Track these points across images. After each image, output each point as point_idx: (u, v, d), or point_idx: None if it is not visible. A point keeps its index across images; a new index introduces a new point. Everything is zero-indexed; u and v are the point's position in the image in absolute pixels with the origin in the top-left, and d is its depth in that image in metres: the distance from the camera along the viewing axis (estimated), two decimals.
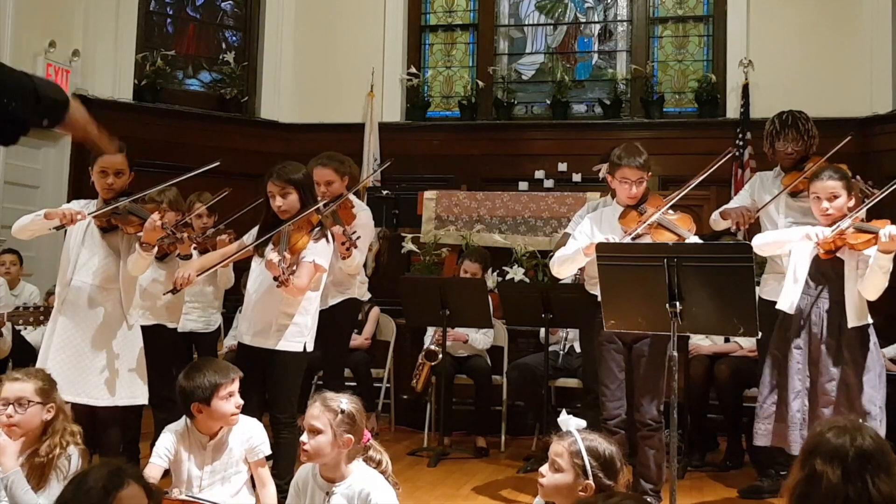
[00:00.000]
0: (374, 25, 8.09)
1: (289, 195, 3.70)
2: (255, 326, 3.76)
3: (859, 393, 3.61)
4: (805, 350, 3.74)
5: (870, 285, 3.58)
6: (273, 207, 3.74)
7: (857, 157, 6.44)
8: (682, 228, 3.94)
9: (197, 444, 3.23)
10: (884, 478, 1.89)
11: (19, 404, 2.97)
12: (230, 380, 3.18)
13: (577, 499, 2.31)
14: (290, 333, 3.72)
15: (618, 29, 8.08)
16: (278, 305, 3.70)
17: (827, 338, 3.69)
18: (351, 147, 7.05)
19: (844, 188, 3.72)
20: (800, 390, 3.71)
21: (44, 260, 6.69)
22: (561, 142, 7.70)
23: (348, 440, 2.78)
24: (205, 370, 3.18)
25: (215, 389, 3.13)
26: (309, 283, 3.69)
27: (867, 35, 7.13)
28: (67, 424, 3.08)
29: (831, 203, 3.71)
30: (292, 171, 3.76)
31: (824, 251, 3.64)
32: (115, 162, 3.78)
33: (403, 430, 6.06)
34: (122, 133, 6.43)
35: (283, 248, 3.60)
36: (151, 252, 3.73)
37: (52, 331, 3.77)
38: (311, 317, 3.81)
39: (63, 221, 3.65)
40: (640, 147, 4.02)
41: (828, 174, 3.77)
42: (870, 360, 3.64)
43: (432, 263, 6.51)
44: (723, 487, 4.62)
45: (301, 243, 3.67)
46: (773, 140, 4.44)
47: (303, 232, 3.69)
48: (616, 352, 3.97)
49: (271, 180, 3.72)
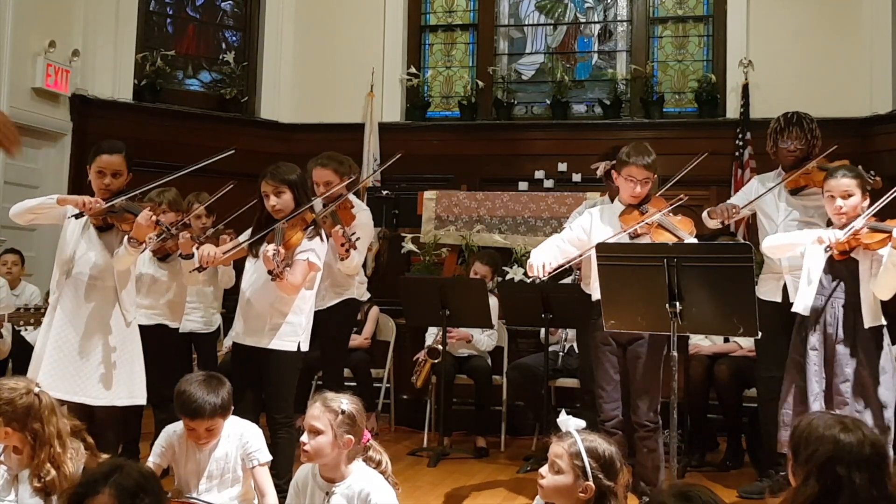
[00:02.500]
0: (374, 25, 8.09)
1: (283, 195, 3.72)
2: (249, 325, 3.76)
3: (875, 394, 3.59)
4: (820, 351, 3.71)
5: (883, 284, 3.56)
6: (267, 207, 3.75)
7: (857, 157, 6.42)
8: (683, 231, 3.93)
9: (193, 448, 3.21)
10: (889, 470, 1.90)
11: None
12: (207, 418, 3.09)
13: (576, 500, 2.31)
14: (284, 332, 3.72)
15: (618, 29, 8.08)
16: (272, 304, 3.70)
17: (842, 338, 3.66)
18: (351, 147, 7.05)
19: (859, 187, 3.69)
20: (818, 392, 3.69)
21: (44, 260, 6.69)
22: (561, 142, 7.70)
23: (348, 441, 2.78)
24: (198, 392, 3.08)
25: (192, 417, 3.11)
26: (303, 281, 3.70)
27: (867, 35, 7.13)
28: (57, 438, 2.96)
29: (846, 201, 3.68)
30: (286, 171, 3.77)
31: (838, 252, 3.62)
32: (112, 162, 3.76)
33: (403, 430, 6.07)
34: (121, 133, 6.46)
35: (277, 242, 3.62)
36: (139, 249, 3.70)
37: (48, 327, 3.74)
38: (305, 316, 3.81)
39: (81, 209, 3.62)
40: (648, 147, 4.00)
41: (842, 172, 3.74)
42: (885, 361, 3.62)
43: (432, 263, 6.51)
44: (723, 487, 4.61)
45: (295, 239, 3.68)
46: (777, 137, 4.43)
47: (297, 229, 3.71)
48: (611, 353, 3.96)
49: (265, 180, 3.74)
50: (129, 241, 3.65)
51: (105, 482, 2.06)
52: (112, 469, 2.11)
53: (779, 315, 4.05)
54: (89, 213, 3.68)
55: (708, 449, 5.23)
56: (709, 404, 5.20)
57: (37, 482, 2.88)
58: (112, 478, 2.07)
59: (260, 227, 3.80)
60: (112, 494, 2.04)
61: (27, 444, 2.92)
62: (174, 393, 3.13)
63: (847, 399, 3.60)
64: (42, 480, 2.88)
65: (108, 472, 2.09)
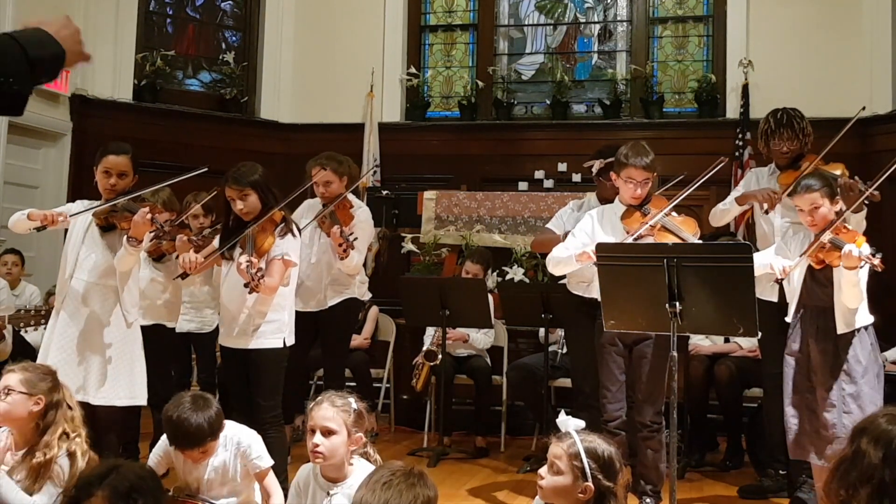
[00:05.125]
0: (373, 26, 8.08)
1: (248, 197, 3.71)
2: (232, 329, 3.77)
3: (858, 394, 3.61)
4: (805, 356, 3.75)
5: (846, 298, 3.59)
6: (235, 211, 3.75)
7: (857, 157, 6.44)
8: (686, 232, 3.91)
9: (190, 457, 3.19)
10: None
11: (6, 392, 2.98)
12: (197, 447, 3.05)
13: (576, 501, 2.31)
14: (267, 331, 3.73)
15: (618, 29, 8.07)
16: (252, 306, 3.71)
17: (823, 343, 3.69)
18: (351, 147, 7.04)
19: (824, 196, 3.65)
20: (809, 399, 3.71)
21: (44, 260, 6.69)
22: (561, 142, 7.69)
23: (358, 439, 2.79)
24: (185, 423, 3.00)
25: (183, 449, 3.08)
26: (280, 279, 3.72)
27: (867, 35, 7.13)
28: (68, 424, 3.04)
29: (816, 213, 3.66)
30: (248, 172, 3.75)
31: (815, 262, 3.64)
32: (118, 163, 3.80)
33: (403, 430, 6.07)
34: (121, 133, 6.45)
35: (249, 251, 3.62)
36: (138, 248, 3.71)
37: (52, 329, 3.77)
38: (287, 312, 3.83)
39: (44, 223, 3.66)
40: (646, 147, 3.96)
41: (804, 186, 3.69)
42: (867, 361, 3.63)
43: (432, 263, 6.51)
44: (723, 487, 4.62)
45: (267, 244, 3.69)
46: (768, 139, 4.42)
47: (267, 233, 3.71)
48: (617, 354, 3.96)
49: (228, 185, 3.73)
50: (129, 240, 3.67)
51: (99, 484, 2.06)
52: (107, 471, 2.12)
53: (777, 314, 4.05)
54: (51, 226, 3.69)
55: (708, 449, 5.24)
56: (709, 404, 5.20)
57: (32, 461, 2.93)
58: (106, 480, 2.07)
59: (229, 231, 3.80)
60: (106, 497, 2.04)
61: (38, 422, 2.99)
62: (163, 418, 3.08)
63: (832, 402, 3.61)
64: (37, 462, 2.92)
65: (103, 474, 2.10)
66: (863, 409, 3.54)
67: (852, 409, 3.57)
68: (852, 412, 3.55)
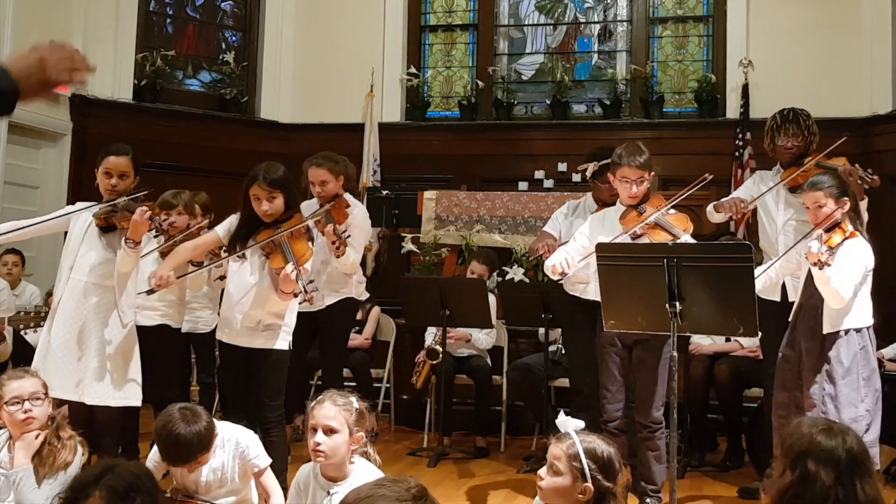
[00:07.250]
0: (374, 25, 8.09)
1: (276, 199, 3.64)
2: (240, 327, 3.72)
3: (836, 395, 3.61)
4: (797, 354, 3.76)
5: (825, 297, 3.59)
6: (258, 211, 3.65)
7: (857, 157, 6.40)
8: (677, 228, 3.94)
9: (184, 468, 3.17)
10: (868, 480, 1.95)
11: (36, 398, 3.05)
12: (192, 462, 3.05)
13: (575, 501, 2.30)
14: (278, 333, 3.73)
15: (618, 29, 8.07)
16: (266, 307, 3.69)
17: (810, 341, 3.70)
18: (351, 147, 7.05)
19: (829, 195, 3.66)
20: (798, 396, 3.72)
21: (44, 260, 6.69)
22: (561, 142, 7.70)
23: (359, 437, 2.79)
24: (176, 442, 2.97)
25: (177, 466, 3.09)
26: None
27: (867, 35, 7.13)
28: (60, 419, 3.15)
29: (819, 211, 3.68)
30: (278, 173, 3.67)
31: (812, 263, 3.65)
32: (119, 164, 3.82)
33: (403, 430, 6.06)
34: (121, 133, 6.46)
35: (292, 260, 3.53)
36: (137, 249, 3.71)
37: (49, 328, 3.77)
38: (294, 315, 3.83)
39: None
40: (641, 146, 3.99)
41: (811, 183, 3.74)
42: (850, 363, 3.62)
43: (432, 263, 6.51)
44: (723, 487, 4.62)
45: (308, 255, 3.63)
46: (774, 135, 4.43)
47: (302, 241, 3.65)
48: (616, 354, 3.97)
49: (258, 184, 3.61)
50: (126, 241, 3.67)
51: (96, 485, 2.07)
52: (104, 471, 2.12)
53: (779, 313, 4.05)
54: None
55: (708, 449, 5.23)
56: (709, 404, 5.20)
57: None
58: (103, 480, 2.07)
59: (247, 230, 3.69)
60: (103, 497, 2.04)
61: None
62: (154, 434, 3.08)
63: (814, 401, 3.61)
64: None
65: (100, 475, 2.10)
66: (839, 411, 3.55)
67: (829, 410, 3.57)
68: (829, 412, 3.54)
